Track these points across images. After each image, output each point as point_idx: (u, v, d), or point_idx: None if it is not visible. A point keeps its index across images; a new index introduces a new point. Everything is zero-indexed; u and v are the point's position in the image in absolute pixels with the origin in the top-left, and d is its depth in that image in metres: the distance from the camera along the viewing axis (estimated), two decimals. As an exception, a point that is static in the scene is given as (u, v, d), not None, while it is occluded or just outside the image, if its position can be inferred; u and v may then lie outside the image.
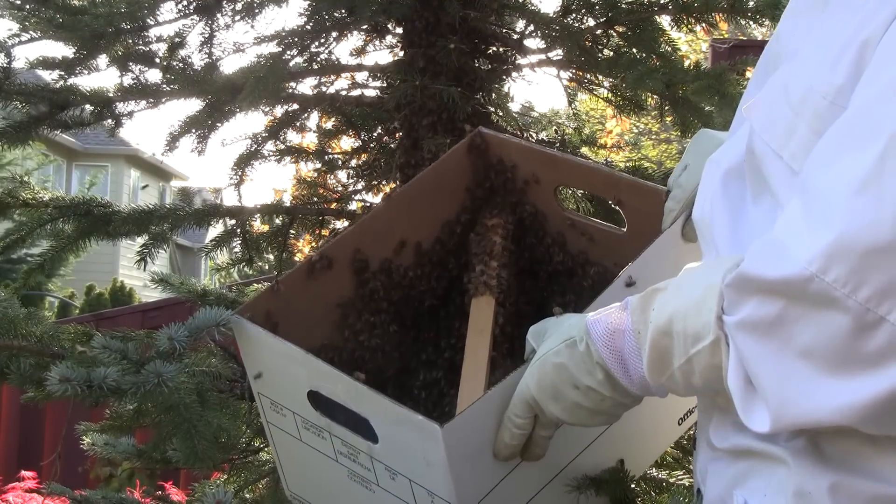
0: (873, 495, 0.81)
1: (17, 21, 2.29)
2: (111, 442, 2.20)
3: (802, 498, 0.85)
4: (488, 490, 1.15)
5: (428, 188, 1.51)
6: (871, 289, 0.75)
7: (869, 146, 0.77)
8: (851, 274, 0.76)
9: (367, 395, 1.15)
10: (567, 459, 1.23)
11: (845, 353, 0.77)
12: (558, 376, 1.04)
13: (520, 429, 1.10)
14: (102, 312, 6.34)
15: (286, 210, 2.59)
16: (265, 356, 1.27)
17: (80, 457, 2.70)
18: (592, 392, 1.03)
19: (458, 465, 1.11)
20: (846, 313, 0.76)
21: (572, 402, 1.04)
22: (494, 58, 2.42)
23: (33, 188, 2.29)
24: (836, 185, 0.78)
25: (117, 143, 17.05)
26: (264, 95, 2.12)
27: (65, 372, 1.23)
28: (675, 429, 1.38)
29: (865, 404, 0.77)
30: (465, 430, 1.10)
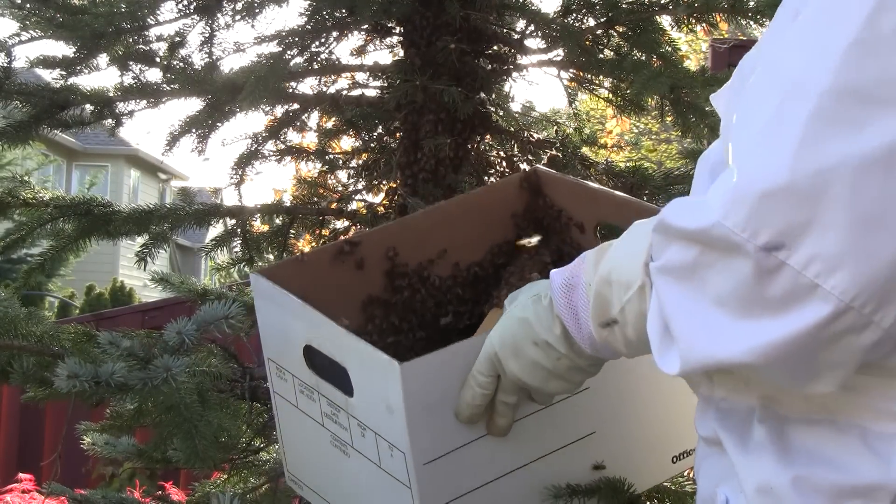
0: (837, 486, 0.80)
1: (18, 20, 2.29)
2: (111, 442, 2.20)
3: (765, 493, 0.84)
4: (445, 451, 1.13)
5: (474, 207, 1.51)
6: (770, 233, 0.74)
7: (771, 96, 0.78)
8: (750, 218, 0.75)
9: (345, 339, 1.15)
10: (538, 453, 1.20)
11: (750, 299, 0.76)
12: (521, 331, 1.04)
13: (482, 387, 1.08)
14: (102, 312, 6.34)
15: (286, 210, 2.59)
16: (272, 313, 1.28)
17: (80, 457, 2.70)
18: (550, 349, 1.02)
19: (416, 412, 1.09)
20: (748, 258, 0.75)
21: (531, 360, 1.04)
22: (495, 58, 2.42)
23: (33, 188, 2.29)
24: (743, 135, 0.79)
25: (117, 143, 17.05)
26: (264, 95, 2.12)
27: (73, 368, 1.23)
28: (669, 466, 1.33)
29: (767, 348, 0.76)
30: (426, 376, 1.09)
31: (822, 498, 0.81)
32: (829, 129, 0.73)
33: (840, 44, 0.74)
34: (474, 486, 1.17)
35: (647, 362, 1.23)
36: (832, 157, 0.73)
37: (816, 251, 0.73)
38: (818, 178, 0.73)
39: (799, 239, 0.74)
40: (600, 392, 1.22)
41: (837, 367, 0.77)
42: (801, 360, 0.77)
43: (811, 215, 0.73)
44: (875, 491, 0.78)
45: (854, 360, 0.77)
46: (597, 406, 1.23)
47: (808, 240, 0.73)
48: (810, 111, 0.74)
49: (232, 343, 2.05)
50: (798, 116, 0.75)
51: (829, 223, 0.73)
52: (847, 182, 0.73)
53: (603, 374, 1.20)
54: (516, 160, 2.51)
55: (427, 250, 1.47)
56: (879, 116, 0.72)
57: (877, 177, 0.72)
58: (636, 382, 1.26)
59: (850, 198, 0.73)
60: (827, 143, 0.73)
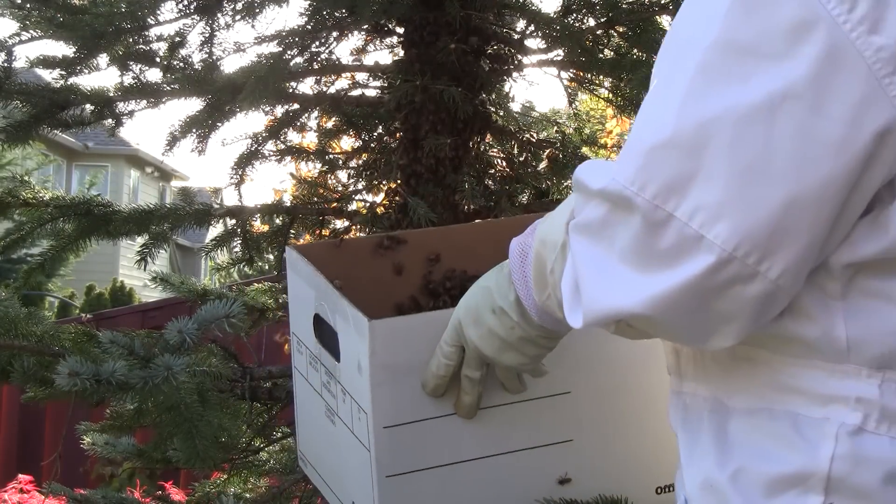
0: (771, 477, 0.80)
1: (18, 20, 2.29)
2: (111, 442, 2.20)
3: (708, 490, 0.84)
4: (407, 420, 1.13)
5: (519, 228, 1.52)
6: (657, 185, 0.75)
7: (667, 57, 0.80)
8: (639, 172, 0.76)
9: (336, 301, 1.15)
10: (506, 447, 1.18)
11: (644, 251, 0.77)
12: (482, 298, 1.04)
13: (446, 357, 1.08)
14: (102, 312, 6.33)
15: (286, 210, 2.59)
16: (296, 284, 1.29)
17: (80, 457, 2.70)
18: (505, 316, 1.02)
19: (380, 372, 1.10)
20: (638, 212, 0.76)
21: (488, 328, 1.04)
22: (495, 58, 2.42)
23: (33, 188, 2.29)
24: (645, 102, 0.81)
25: (117, 143, 17.04)
26: (264, 95, 2.12)
27: (74, 366, 1.23)
28: (651, 496, 1.27)
29: (659, 298, 0.76)
30: (394, 338, 1.09)
31: (758, 490, 0.80)
32: (713, 83, 0.75)
33: (725, 2, 0.75)
34: (434, 464, 1.16)
35: (639, 377, 1.22)
36: (715, 108, 0.74)
37: (701, 202, 0.74)
38: (701, 129, 0.74)
39: (685, 190, 0.74)
40: (583, 399, 1.20)
41: (732, 319, 0.77)
42: (693, 311, 0.77)
43: (696, 166, 0.74)
44: (807, 478, 0.78)
45: (747, 312, 0.77)
46: (577, 413, 1.20)
47: (693, 191, 0.74)
48: (695, 66, 0.75)
49: (232, 343, 2.05)
50: (684, 72, 0.76)
51: (712, 173, 0.74)
52: (729, 133, 0.73)
53: (586, 380, 1.19)
54: (516, 160, 2.51)
55: (471, 262, 1.44)
56: (760, 68, 0.73)
57: (758, 127, 0.73)
58: (627, 398, 1.23)
59: (732, 148, 0.73)
60: (710, 96, 0.74)
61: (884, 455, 0.76)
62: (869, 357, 0.77)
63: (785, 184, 0.73)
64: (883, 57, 0.72)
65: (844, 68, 0.72)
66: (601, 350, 1.20)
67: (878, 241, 0.76)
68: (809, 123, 0.72)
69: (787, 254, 0.74)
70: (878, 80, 0.72)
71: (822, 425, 0.78)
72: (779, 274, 0.74)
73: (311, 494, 2.20)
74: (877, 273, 0.77)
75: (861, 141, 0.72)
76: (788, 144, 0.73)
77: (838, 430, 0.77)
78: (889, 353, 0.76)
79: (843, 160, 0.72)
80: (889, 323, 0.76)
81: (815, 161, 0.72)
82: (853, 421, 0.77)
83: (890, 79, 0.72)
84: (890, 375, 0.76)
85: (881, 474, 0.75)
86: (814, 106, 0.72)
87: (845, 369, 0.78)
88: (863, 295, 0.77)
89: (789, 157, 0.73)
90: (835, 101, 0.72)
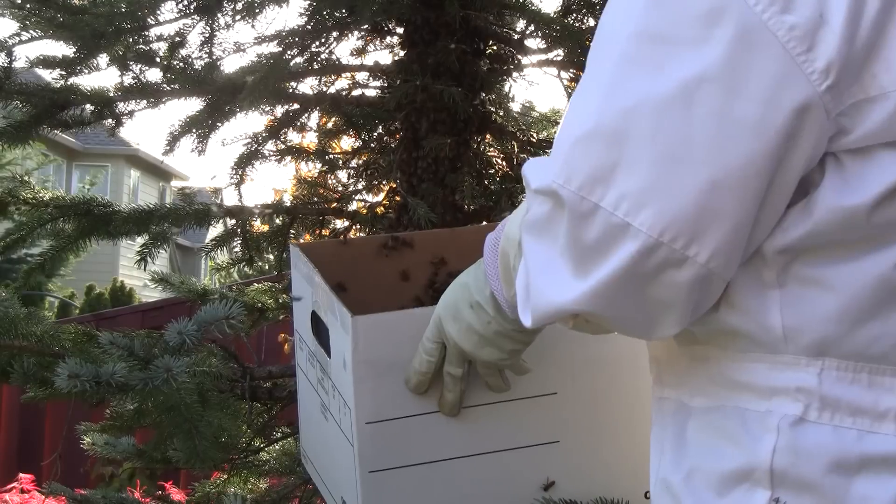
0: (720, 474, 0.80)
1: (18, 20, 2.29)
2: (111, 442, 2.20)
3: (664, 490, 0.85)
4: (390, 416, 1.13)
5: None
6: (582, 177, 0.76)
7: (593, 51, 0.80)
8: (564, 165, 0.77)
9: (327, 297, 1.16)
10: (491, 446, 1.18)
11: (576, 246, 0.77)
12: (460, 293, 1.05)
13: (428, 354, 1.09)
14: (102, 312, 6.33)
15: (286, 210, 2.59)
16: (298, 282, 1.30)
17: (80, 457, 2.70)
18: (481, 310, 1.03)
19: (363, 367, 1.10)
20: (565, 205, 0.77)
21: (466, 324, 1.04)
22: (495, 58, 2.41)
23: (33, 188, 2.29)
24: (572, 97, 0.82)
25: (117, 143, 17.04)
26: (265, 95, 2.12)
27: (73, 368, 1.23)
28: (640, 501, 1.26)
29: (594, 292, 0.77)
30: (378, 333, 1.10)
31: (709, 489, 0.80)
32: (632, 73, 0.75)
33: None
34: (418, 461, 1.16)
35: (627, 380, 1.21)
36: (635, 97, 0.74)
37: (625, 190, 0.74)
38: (622, 119, 0.75)
39: (609, 180, 0.75)
40: (569, 400, 1.19)
41: (669, 307, 0.78)
42: (630, 301, 0.78)
43: (618, 156, 0.75)
44: (751, 473, 0.77)
45: (683, 298, 0.77)
46: (563, 414, 1.20)
47: (617, 180, 0.74)
48: (615, 58, 0.76)
49: (232, 343, 2.05)
50: (605, 65, 0.77)
51: (634, 162, 0.74)
52: (649, 120, 0.74)
53: (573, 381, 1.18)
54: (516, 160, 2.51)
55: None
56: (676, 55, 0.74)
57: (676, 113, 0.73)
58: (615, 400, 1.22)
59: (653, 135, 0.74)
60: (629, 86, 0.75)
61: (825, 444, 0.75)
62: (805, 345, 0.76)
63: (706, 167, 0.73)
64: (797, 35, 0.72)
65: (758, 49, 0.72)
66: (588, 351, 1.19)
67: (803, 225, 0.76)
68: (726, 105, 0.72)
69: (715, 236, 0.74)
70: (792, 59, 0.72)
71: (766, 418, 0.78)
72: (708, 257, 0.75)
73: (311, 495, 2.20)
74: (811, 260, 0.76)
75: (780, 119, 0.72)
76: (707, 128, 0.73)
77: (779, 422, 0.77)
78: (825, 340, 0.76)
79: (763, 139, 0.73)
80: (823, 310, 0.76)
81: (734, 142, 0.73)
82: (794, 412, 0.77)
83: (805, 56, 0.72)
84: (829, 363, 0.76)
85: (824, 464, 0.75)
86: (730, 88, 0.72)
87: (785, 360, 0.78)
88: (799, 283, 0.77)
89: (709, 141, 0.73)
90: (750, 82, 0.72)
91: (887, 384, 0.75)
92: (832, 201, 0.74)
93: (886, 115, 0.72)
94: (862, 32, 0.71)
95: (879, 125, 0.72)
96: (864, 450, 0.74)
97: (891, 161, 0.73)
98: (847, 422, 0.75)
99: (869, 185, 0.73)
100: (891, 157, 0.73)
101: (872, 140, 0.73)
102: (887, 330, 0.75)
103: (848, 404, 0.75)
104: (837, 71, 0.71)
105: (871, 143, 0.73)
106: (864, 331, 0.75)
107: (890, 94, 0.72)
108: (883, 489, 0.73)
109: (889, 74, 0.72)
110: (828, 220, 0.74)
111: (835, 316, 0.75)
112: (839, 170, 0.75)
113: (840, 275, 0.75)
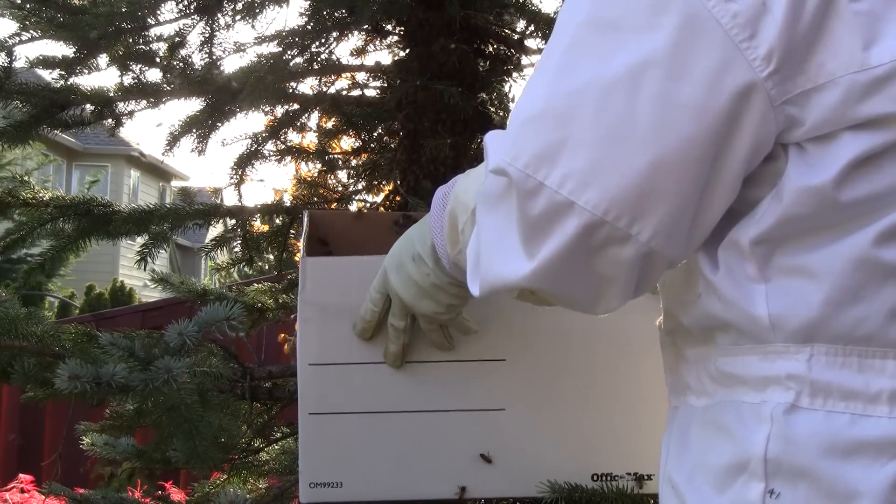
0: (719, 469, 0.80)
1: (18, 20, 2.28)
2: (111, 442, 2.19)
3: (672, 489, 0.86)
4: (333, 361, 1.15)
5: None
6: (528, 156, 0.78)
7: (545, 48, 0.83)
8: (513, 144, 0.79)
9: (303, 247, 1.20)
10: (433, 405, 1.19)
11: (522, 222, 0.79)
12: (405, 245, 1.08)
13: (373, 304, 1.13)
14: (102, 312, 6.33)
15: (286, 210, 2.59)
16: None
17: (80, 457, 2.70)
18: (421, 262, 1.06)
19: (308, 308, 1.13)
20: (513, 182, 0.79)
21: (406, 274, 1.07)
22: (495, 58, 2.41)
23: (33, 188, 2.29)
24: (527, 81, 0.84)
25: (117, 143, 17.04)
26: (264, 95, 2.12)
27: (74, 369, 1.23)
28: (588, 483, 1.22)
29: (539, 267, 0.79)
30: (327, 276, 1.13)
31: (710, 485, 0.81)
32: (581, 57, 0.77)
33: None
34: (358, 409, 1.17)
35: (580, 356, 1.21)
36: (582, 80, 0.77)
37: (569, 169, 0.76)
38: (570, 99, 0.77)
39: (555, 159, 0.77)
40: (518, 368, 1.20)
41: (612, 282, 0.80)
42: (574, 277, 0.79)
43: (565, 135, 0.77)
44: (747, 464, 0.78)
45: (625, 274, 0.79)
46: (511, 382, 1.20)
47: (562, 159, 0.76)
48: (566, 44, 0.79)
49: (232, 343, 2.05)
50: (557, 50, 0.79)
51: (580, 142, 0.76)
52: (594, 102, 0.76)
53: (523, 350, 1.19)
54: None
55: None
56: (624, 41, 0.76)
57: (621, 95, 0.75)
58: (566, 376, 1.21)
59: (597, 116, 0.76)
60: (578, 69, 0.77)
61: (818, 429, 0.75)
62: (792, 331, 0.77)
63: (648, 148, 0.75)
64: (739, 22, 0.73)
65: (702, 35, 0.74)
66: (539, 322, 1.19)
67: (774, 212, 0.77)
68: (670, 89, 0.74)
69: (657, 215, 0.76)
70: (735, 45, 0.74)
71: (760, 409, 0.78)
72: (650, 236, 0.76)
73: (311, 494, 2.19)
74: (790, 249, 0.78)
75: (721, 103, 0.74)
76: (651, 110, 0.75)
77: (773, 410, 0.77)
78: (811, 326, 0.76)
79: (705, 122, 0.74)
80: (807, 296, 0.77)
81: (676, 124, 0.75)
82: (786, 399, 0.77)
83: (747, 43, 0.73)
84: (818, 349, 0.77)
85: (817, 449, 0.75)
86: (673, 72, 0.74)
87: (775, 349, 0.78)
88: (782, 273, 0.78)
89: (652, 122, 0.75)
90: (694, 67, 0.74)
91: (878, 366, 0.75)
92: (798, 182, 0.76)
93: (836, 101, 0.73)
94: (804, 20, 0.73)
95: (832, 111, 0.74)
96: (857, 434, 0.74)
97: (851, 139, 0.74)
98: (839, 406, 0.75)
99: (831, 163, 0.75)
100: (852, 135, 0.74)
101: (833, 126, 0.74)
102: (872, 311, 0.75)
103: (839, 388, 0.76)
104: (779, 57, 0.73)
105: (833, 129, 0.75)
106: (849, 313, 0.76)
107: (838, 79, 0.73)
108: (877, 473, 0.73)
109: (836, 60, 0.73)
110: (797, 201, 0.76)
111: (818, 301, 0.76)
112: (803, 156, 0.76)
113: (820, 260, 0.76)
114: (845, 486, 0.73)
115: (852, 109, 0.73)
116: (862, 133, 0.74)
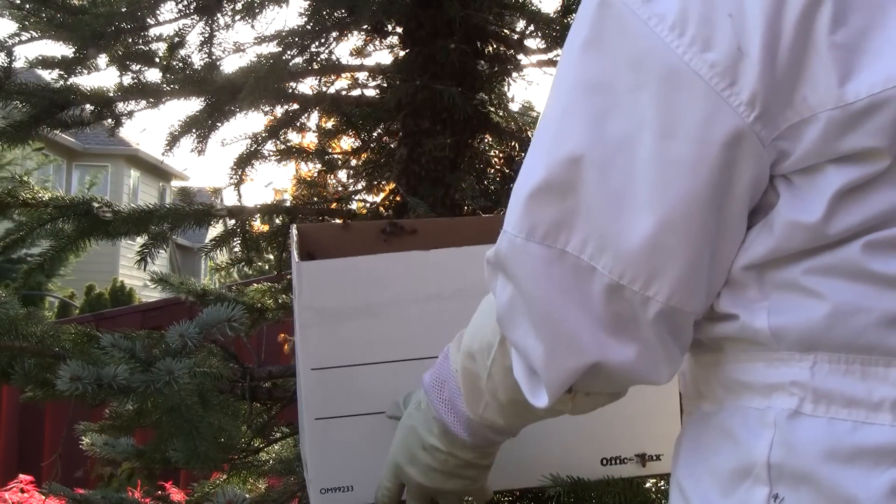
0: (723, 473, 0.81)
1: (18, 20, 2.28)
2: (111, 442, 2.20)
3: (679, 493, 0.86)
4: (336, 364, 1.15)
5: None
6: (545, 227, 0.78)
7: (541, 113, 0.83)
8: (523, 219, 0.79)
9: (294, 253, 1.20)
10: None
11: (547, 296, 0.79)
12: (410, 438, 1.08)
13: (388, 492, 1.13)
14: (102, 312, 6.33)
15: (286, 210, 2.59)
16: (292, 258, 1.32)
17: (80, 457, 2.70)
18: (436, 451, 1.06)
19: (307, 314, 1.13)
20: (534, 258, 0.79)
21: (424, 465, 1.07)
22: (495, 58, 2.41)
23: (33, 188, 2.29)
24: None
25: (117, 143, 17.04)
26: (264, 95, 2.12)
27: (75, 370, 1.23)
28: (598, 468, 1.26)
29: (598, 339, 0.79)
30: (322, 279, 1.13)
31: (715, 489, 0.81)
32: (576, 122, 0.77)
33: (576, 44, 0.79)
34: (363, 411, 1.18)
35: None
36: (581, 146, 0.76)
37: (586, 234, 0.77)
38: (571, 168, 0.77)
39: (571, 226, 0.77)
40: None
41: (653, 345, 0.79)
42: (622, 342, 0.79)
43: (575, 203, 0.77)
44: (752, 469, 0.78)
45: (657, 335, 0.79)
46: None
47: (578, 225, 0.77)
48: (560, 109, 0.79)
49: (232, 343, 2.05)
50: (552, 116, 0.80)
51: (590, 207, 0.77)
52: (596, 168, 0.76)
53: None
54: (516, 160, 2.51)
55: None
56: (614, 103, 0.76)
57: (620, 160, 0.76)
58: None
59: (601, 183, 0.76)
60: (575, 135, 0.77)
61: (820, 436, 0.76)
62: (794, 341, 0.77)
63: (652, 209, 0.75)
64: (718, 71, 0.73)
65: (683, 89, 0.74)
66: None
67: (765, 242, 0.78)
68: (662, 148, 0.75)
69: (671, 274, 0.76)
70: (717, 94, 0.73)
71: (765, 415, 0.79)
72: (668, 295, 0.77)
73: (311, 495, 2.19)
74: (783, 268, 0.78)
75: (713, 154, 0.74)
76: (649, 171, 0.75)
77: (776, 416, 0.78)
78: (812, 335, 0.77)
79: (701, 176, 0.75)
80: (806, 309, 0.77)
81: (674, 183, 0.75)
82: (789, 406, 0.77)
83: (729, 90, 0.73)
84: (821, 357, 0.77)
85: (818, 455, 0.75)
86: (663, 131, 0.75)
87: (780, 356, 0.79)
88: (779, 289, 0.78)
89: (651, 184, 0.75)
90: (681, 123, 0.74)
91: (881, 374, 0.75)
92: (788, 216, 0.76)
93: (818, 135, 0.73)
94: (781, 59, 0.72)
95: (815, 144, 0.74)
96: (859, 441, 0.74)
97: (835, 172, 0.74)
98: (842, 413, 0.76)
99: (818, 198, 0.75)
100: (835, 168, 0.74)
101: (816, 158, 0.74)
102: (871, 320, 0.75)
103: (842, 396, 0.76)
104: (763, 99, 0.73)
105: (818, 161, 0.75)
106: (849, 323, 0.76)
107: (819, 114, 0.73)
108: (875, 479, 0.73)
109: (816, 95, 0.73)
110: (789, 235, 0.76)
111: (818, 315, 0.76)
112: (790, 188, 0.76)
113: (813, 275, 0.76)
114: (844, 492, 0.74)
115: (833, 144, 0.73)
116: (845, 166, 0.74)
